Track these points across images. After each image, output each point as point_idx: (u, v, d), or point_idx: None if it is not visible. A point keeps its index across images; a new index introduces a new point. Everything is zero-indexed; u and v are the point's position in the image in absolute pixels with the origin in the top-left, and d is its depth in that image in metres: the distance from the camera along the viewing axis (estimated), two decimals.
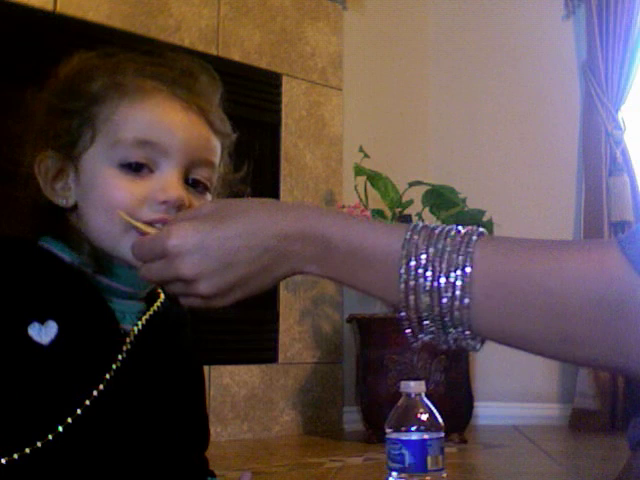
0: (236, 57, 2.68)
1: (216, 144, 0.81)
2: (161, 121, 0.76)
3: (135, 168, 0.75)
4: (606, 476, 1.80)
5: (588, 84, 3.01)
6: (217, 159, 0.81)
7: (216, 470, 0.90)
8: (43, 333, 0.71)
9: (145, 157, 0.75)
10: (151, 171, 0.76)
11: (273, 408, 2.64)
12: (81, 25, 2.28)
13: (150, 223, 0.73)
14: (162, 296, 0.84)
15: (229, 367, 2.54)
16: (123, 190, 0.74)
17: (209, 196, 0.81)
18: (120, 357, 0.75)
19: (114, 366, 0.74)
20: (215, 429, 2.47)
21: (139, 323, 0.79)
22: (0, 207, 0.84)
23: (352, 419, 2.76)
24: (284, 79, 2.80)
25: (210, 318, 2.52)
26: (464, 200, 2.74)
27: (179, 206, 0.75)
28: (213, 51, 2.62)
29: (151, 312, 0.81)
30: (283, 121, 2.78)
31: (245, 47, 2.71)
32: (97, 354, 0.74)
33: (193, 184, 0.78)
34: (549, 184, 3.10)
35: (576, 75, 3.10)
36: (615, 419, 2.80)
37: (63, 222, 0.78)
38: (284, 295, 2.72)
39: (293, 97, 2.83)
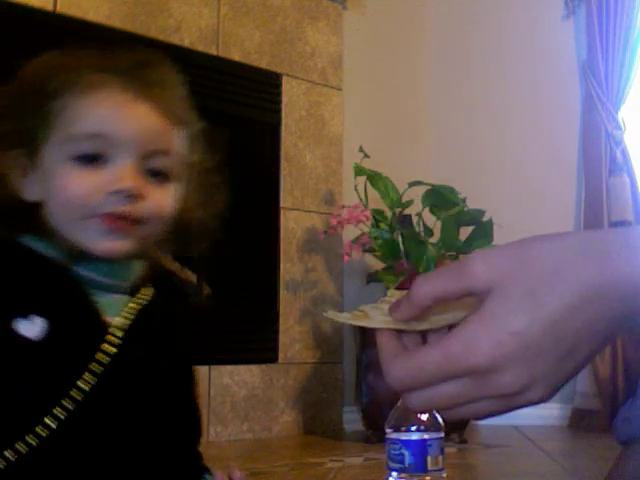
0: (236, 57, 2.67)
1: (173, 133, 0.81)
2: (111, 113, 0.77)
3: (89, 159, 0.76)
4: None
5: (588, 84, 3.01)
6: (176, 147, 0.82)
7: (216, 470, 0.90)
8: (29, 328, 0.73)
9: (97, 149, 0.77)
10: (105, 162, 0.77)
11: (273, 408, 2.64)
12: (81, 25, 2.28)
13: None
14: (150, 290, 0.84)
15: (229, 367, 2.54)
16: (77, 182, 0.76)
17: (171, 185, 0.81)
18: (104, 348, 0.76)
19: (99, 357, 0.75)
20: (215, 429, 2.47)
21: (123, 314, 0.79)
22: None
23: (352, 419, 2.75)
24: (284, 79, 2.80)
25: (210, 318, 2.52)
26: (464, 200, 2.74)
27: (134, 195, 0.76)
28: (213, 51, 2.61)
29: (135, 303, 0.81)
30: (283, 121, 2.78)
31: (245, 47, 2.70)
32: (81, 345, 0.76)
33: (153, 174, 0.79)
34: (549, 184, 3.09)
35: (576, 75, 3.10)
36: None
37: (37, 218, 0.79)
38: (284, 295, 2.72)
39: (293, 97, 2.83)
